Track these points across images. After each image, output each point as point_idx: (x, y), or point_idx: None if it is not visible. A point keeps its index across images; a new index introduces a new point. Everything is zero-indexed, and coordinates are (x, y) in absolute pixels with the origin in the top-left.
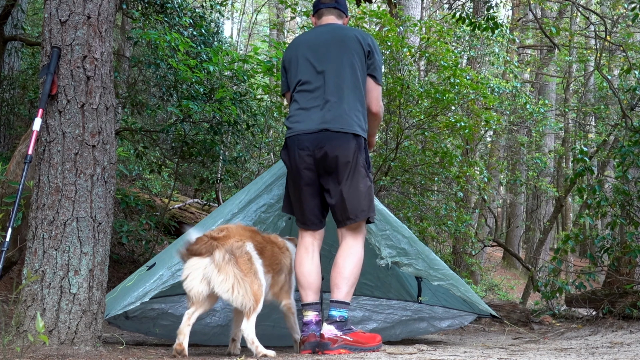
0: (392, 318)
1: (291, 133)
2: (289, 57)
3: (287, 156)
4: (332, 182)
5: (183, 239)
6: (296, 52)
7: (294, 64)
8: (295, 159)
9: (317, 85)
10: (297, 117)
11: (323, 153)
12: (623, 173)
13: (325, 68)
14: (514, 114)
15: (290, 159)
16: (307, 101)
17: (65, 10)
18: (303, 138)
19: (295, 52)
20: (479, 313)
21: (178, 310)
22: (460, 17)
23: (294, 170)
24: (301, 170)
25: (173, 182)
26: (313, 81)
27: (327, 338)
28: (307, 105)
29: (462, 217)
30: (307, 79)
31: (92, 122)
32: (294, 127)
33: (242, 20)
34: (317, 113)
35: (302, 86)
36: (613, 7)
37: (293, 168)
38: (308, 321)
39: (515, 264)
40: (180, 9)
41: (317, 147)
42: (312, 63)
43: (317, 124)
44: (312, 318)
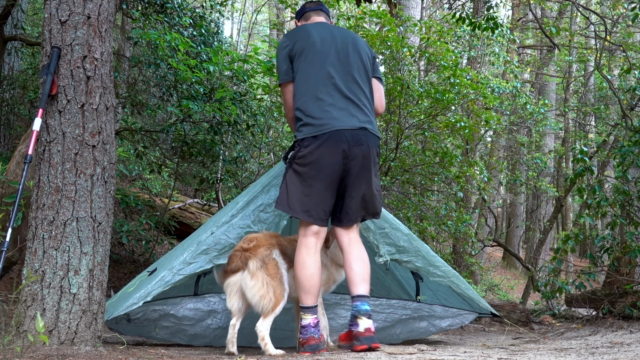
0: (392, 317)
1: (330, 128)
2: (300, 47)
3: (318, 149)
4: (358, 180)
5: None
6: (311, 44)
7: (307, 56)
8: (327, 153)
9: (343, 84)
10: (332, 113)
11: (359, 151)
12: (623, 173)
13: (349, 69)
14: (514, 114)
15: (322, 152)
16: (337, 99)
17: (65, 10)
18: (344, 133)
19: (307, 44)
20: (479, 312)
21: (179, 311)
22: (460, 17)
23: (322, 164)
24: (330, 165)
25: (173, 182)
26: (338, 79)
27: (373, 331)
28: (338, 102)
29: (462, 217)
30: (332, 75)
31: (92, 122)
32: (332, 123)
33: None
34: (354, 111)
35: (327, 82)
36: (613, 7)
37: (321, 161)
38: (307, 324)
39: (515, 264)
40: (180, 9)
41: (355, 145)
42: (335, 61)
43: (357, 121)
44: (310, 321)
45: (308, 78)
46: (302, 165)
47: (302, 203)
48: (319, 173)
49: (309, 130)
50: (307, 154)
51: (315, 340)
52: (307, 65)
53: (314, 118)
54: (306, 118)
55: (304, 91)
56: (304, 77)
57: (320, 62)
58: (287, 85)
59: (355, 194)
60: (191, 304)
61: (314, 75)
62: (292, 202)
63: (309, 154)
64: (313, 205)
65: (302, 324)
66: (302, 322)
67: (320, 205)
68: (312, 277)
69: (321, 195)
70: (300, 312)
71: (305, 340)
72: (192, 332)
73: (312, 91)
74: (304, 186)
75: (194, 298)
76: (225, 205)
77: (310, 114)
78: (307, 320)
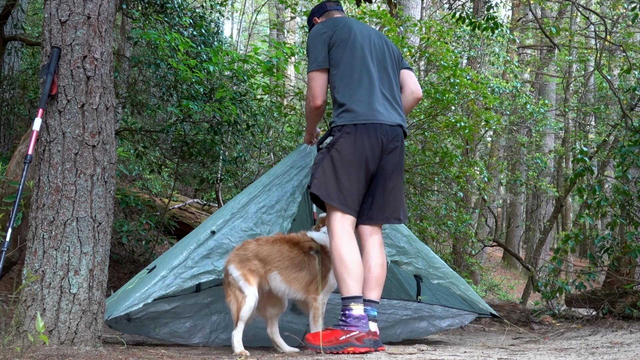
0: (393, 318)
1: (373, 119)
2: (340, 37)
3: (360, 137)
4: (391, 178)
5: None
6: (353, 36)
7: (350, 48)
8: (368, 143)
9: (380, 80)
10: (376, 106)
11: (394, 147)
12: (623, 173)
13: (385, 66)
14: (514, 114)
15: (363, 141)
16: (377, 93)
17: (65, 10)
18: (385, 128)
19: (349, 35)
20: (479, 312)
21: (180, 308)
22: (460, 17)
23: (361, 153)
24: (368, 156)
25: (173, 182)
26: (377, 75)
27: (378, 335)
28: (379, 97)
29: (462, 217)
30: (372, 71)
31: (92, 122)
32: (376, 115)
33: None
34: (391, 108)
35: (369, 76)
36: (613, 7)
37: (361, 150)
38: (361, 315)
39: (515, 264)
40: (180, 9)
41: (392, 140)
42: (374, 57)
43: (396, 118)
44: (362, 312)
45: (352, 69)
46: (341, 153)
47: (340, 192)
48: (358, 162)
49: (352, 117)
50: (349, 142)
51: (371, 335)
52: (349, 56)
53: (358, 106)
54: (350, 104)
55: (349, 80)
56: (348, 67)
57: (363, 56)
58: (320, 72)
59: (388, 191)
60: (192, 299)
61: (358, 67)
62: (330, 190)
63: (350, 142)
64: (349, 195)
65: (355, 315)
66: (352, 312)
67: (355, 196)
68: (359, 265)
69: (357, 186)
70: (351, 303)
71: (366, 334)
72: (191, 324)
73: (356, 82)
74: (341, 174)
75: (194, 296)
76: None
77: (355, 101)
78: (360, 310)
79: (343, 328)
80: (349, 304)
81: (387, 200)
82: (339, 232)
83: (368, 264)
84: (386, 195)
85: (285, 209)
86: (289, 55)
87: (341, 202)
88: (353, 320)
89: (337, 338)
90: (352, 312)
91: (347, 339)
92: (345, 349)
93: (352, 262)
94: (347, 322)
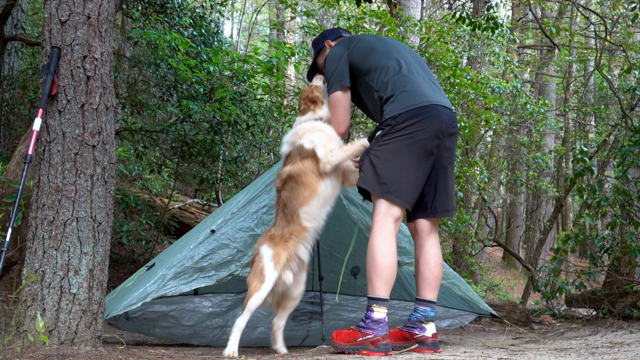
0: (392, 318)
1: (428, 102)
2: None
3: (417, 122)
4: (451, 167)
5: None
6: (371, 43)
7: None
8: (426, 127)
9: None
10: (426, 89)
11: (453, 132)
12: (623, 173)
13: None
14: (514, 114)
15: (420, 125)
16: (422, 77)
17: (65, 10)
18: (442, 110)
19: (366, 43)
20: (479, 313)
21: (179, 312)
22: (460, 17)
23: (418, 139)
24: (427, 140)
25: (173, 182)
26: (413, 64)
27: (437, 337)
28: (425, 80)
29: (462, 217)
30: (407, 61)
31: (92, 122)
32: (430, 97)
33: (242, 20)
34: (440, 90)
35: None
36: (613, 7)
37: (418, 135)
38: (381, 319)
39: (515, 264)
40: (180, 9)
41: (450, 126)
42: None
43: (447, 102)
44: (385, 316)
45: (385, 62)
46: (395, 140)
47: (391, 181)
48: (414, 149)
49: (405, 102)
50: (403, 127)
51: (389, 339)
52: (375, 58)
53: (407, 93)
54: (398, 91)
55: (384, 75)
56: (380, 64)
57: (390, 53)
58: (343, 92)
59: (450, 181)
60: (191, 304)
61: (390, 59)
62: (378, 180)
63: (404, 127)
64: (403, 184)
65: (374, 318)
66: (372, 314)
67: (410, 186)
68: (391, 267)
69: (414, 174)
70: (374, 305)
71: (381, 338)
72: (191, 331)
73: (395, 72)
74: (395, 162)
75: (192, 301)
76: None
77: (400, 89)
78: (381, 313)
79: (361, 330)
80: (372, 304)
81: (448, 192)
82: (378, 228)
83: (429, 263)
84: (448, 187)
85: None
86: (289, 55)
87: (390, 192)
88: (371, 323)
89: (355, 339)
90: (373, 314)
91: (363, 342)
92: (360, 351)
93: (383, 262)
94: (366, 324)
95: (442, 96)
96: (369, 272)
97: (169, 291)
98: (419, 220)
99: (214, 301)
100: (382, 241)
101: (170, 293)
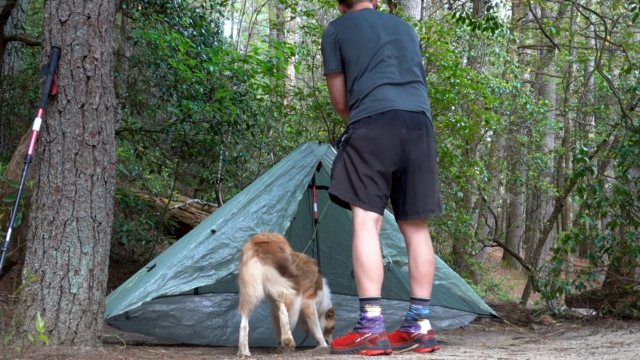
0: (392, 318)
1: (387, 107)
2: (348, 35)
3: (373, 129)
4: (418, 170)
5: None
6: (360, 31)
7: (357, 43)
8: (383, 134)
9: (398, 68)
10: (389, 93)
11: (417, 135)
12: (623, 173)
13: (404, 53)
14: (514, 114)
15: (377, 132)
16: (393, 81)
17: (65, 10)
18: (402, 114)
19: (355, 31)
20: (479, 313)
21: (179, 311)
22: (460, 17)
23: (377, 145)
24: (387, 147)
25: (173, 182)
26: (393, 64)
27: (433, 334)
28: (393, 85)
29: (462, 217)
30: (386, 60)
31: (92, 122)
32: (388, 103)
33: (242, 20)
34: (411, 93)
35: (382, 66)
36: (613, 7)
37: (377, 142)
38: (376, 317)
39: (515, 264)
40: (180, 9)
41: (414, 129)
42: (389, 46)
43: (416, 103)
44: (379, 314)
45: (360, 62)
46: (356, 149)
47: (358, 188)
48: (375, 156)
49: (363, 111)
50: (362, 136)
51: (387, 336)
52: (358, 50)
53: (367, 98)
54: (360, 99)
55: (358, 74)
56: (357, 61)
57: (373, 47)
58: (335, 76)
59: (418, 185)
60: (191, 304)
61: (367, 59)
62: (348, 188)
63: (363, 136)
64: (369, 191)
65: (368, 317)
66: (366, 314)
67: (375, 192)
68: (379, 265)
69: (377, 181)
70: (366, 305)
71: (378, 335)
72: (191, 331)
73: (366, 74)
74: (359, 170)
75: (192, 301)
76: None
77: (364, 94)
78: (374, 312)
79: (358, 331)
80: (364, 305)
81: (417, 195)
82: (358, 230)
83: (415, 261)
84: (417, 189)
85: (285, 208)
86: (289, 55)
87: (360, 199)
88: (367, 322)
89: (354, 341)
90: (367, 314)
91: (362, 342)
92: (359, 351)
93: (369, 262)
94: (362, 324)
95: (407, 96)
96: (357, 274)
97: (169, 290)
98: (400, 222)
99: (214, 300)
100: (365, 242)
101: (171, 292)
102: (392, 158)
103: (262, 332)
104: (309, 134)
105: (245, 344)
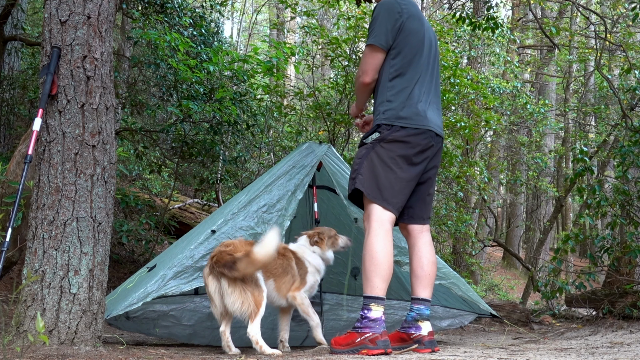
0: (392, 318)
1: (425, 126)
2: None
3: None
4: (432, 180)
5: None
6: (421, 31)
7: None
8: (419, 150)
9: (433, 82)
10: (430, 113)
11: (437, 150)
12: (623, 173)
13: (436, 67)
14: (514, 114)
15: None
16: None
17: (65, 10)
18: (433, 135)
19: (419, 25)
20: (479, 313)
21: (179, 312)
22: (461, 17)
23: (412, 158)
24: (418, 156)
25: (173, 182)
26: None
27: (433, 335)
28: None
29: (462, 217)
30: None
31: (92, 122)
32: (428, 122)
33: (242, 20)
34: (438, 111)
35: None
36: (613, 7)
37: (412, 154)
38: (378, 318)
39: (515, 264)
40: (180, 9)
41: (437, 146)
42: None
43: (440, 123)
44: (382, 314)
45: (412, 66)
46: (389, 150)
47: (383, 188)
48: (405, 161)
49: (401, 119)
50: (398, 140)
51: (387, 336)
52: (414, 50)
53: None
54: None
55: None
56: (408, 63)
57: (423, 55)
58: (380, 52)
59: (431, 194)
60: (191, 304)
61: (418, 66)
62: (371, 186)
63: (399, 140)
64: (393, 192)
65: (371, 317)
66: (370, 313)
67: (398, 194)
68: (392, 267)
69: (405, 185)
70: (372, 303)
71: (379, 335)
72: (191, 331)
73: (413, 81)
74: (387, 171)
75: (192, 301)
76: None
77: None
78: (378, 312)
79: (358, 331)
80: (370, 303)
81: (426, 202)
82: (375, 228)
83: (421, 261)
84: (427, 197)
85: (286, 207)
86: (289, 55)
87: (384, 198)
88: (368, 322)
89: (354, 341)
90: (370, 313)
91: (362, 341)
92: (360, 351)
93: (384, 261)
94: (363, 323)
95: (437, 118)
96: (368, 271)
97: (169, 290)
98: (408, 224)
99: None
100: (381, 240)
101: (171, 292)
102: (418, 173)
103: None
104: (309, 134)
105: (229, 345)
